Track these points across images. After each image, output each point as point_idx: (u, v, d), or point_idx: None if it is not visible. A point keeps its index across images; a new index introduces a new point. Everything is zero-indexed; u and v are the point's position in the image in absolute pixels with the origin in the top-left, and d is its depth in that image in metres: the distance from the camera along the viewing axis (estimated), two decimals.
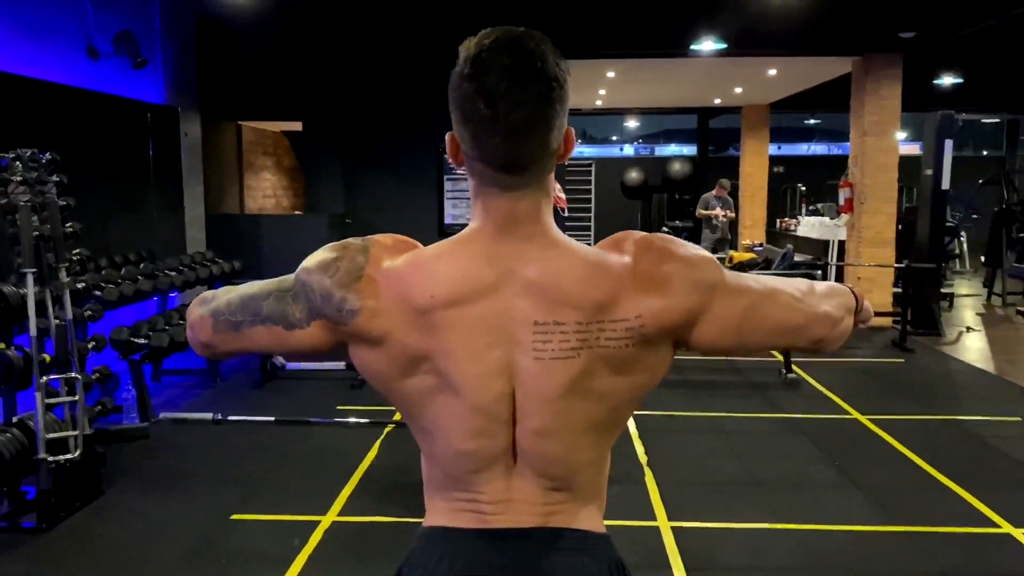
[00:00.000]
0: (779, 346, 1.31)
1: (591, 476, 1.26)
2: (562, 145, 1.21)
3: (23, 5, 5.98)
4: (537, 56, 1.12)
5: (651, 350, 1.19)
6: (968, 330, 9.31)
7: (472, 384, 1.17)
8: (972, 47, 10.13)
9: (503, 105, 1.10)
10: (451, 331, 1.16)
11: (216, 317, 1.30)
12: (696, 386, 6.84)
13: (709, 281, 1.20)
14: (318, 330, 1.23)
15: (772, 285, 1.28)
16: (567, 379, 1.16)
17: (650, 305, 1.16)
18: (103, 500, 4.33)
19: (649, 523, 4.09)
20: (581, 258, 1.18)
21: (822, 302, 1.32)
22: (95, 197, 6.45)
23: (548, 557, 1.21)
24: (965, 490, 4.52)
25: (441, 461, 1.25)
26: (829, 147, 25.28)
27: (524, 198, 1.19)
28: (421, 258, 1.20)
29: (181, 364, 6.94)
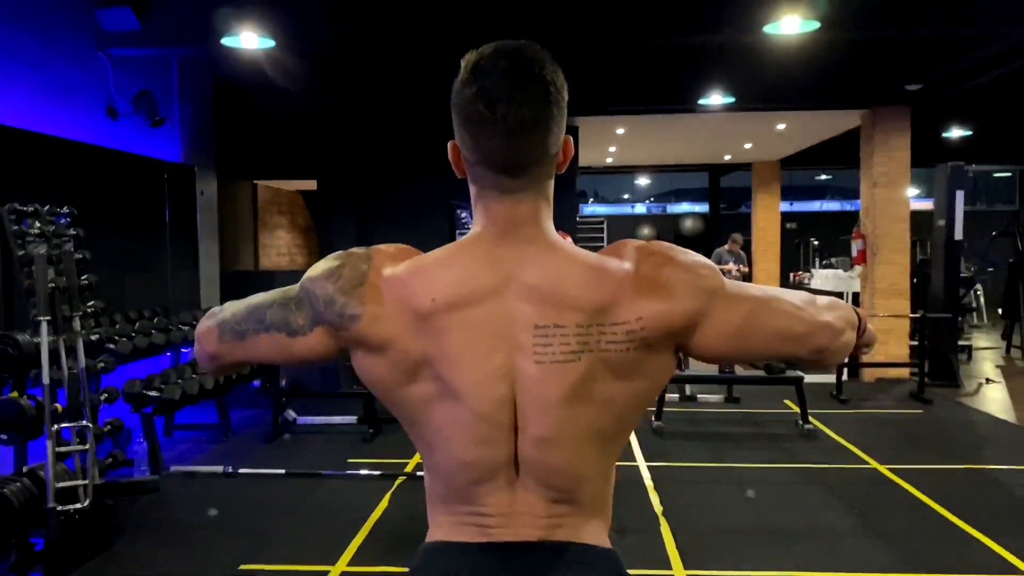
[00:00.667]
0: (780, 354, 1.30)
1: (596, 489, 1.24)
2: (560, 152, 1.23)
3: (46, 66, 6.14)
4: (535, 62, 1.16)
5: (652, 355, 1.18)
6: (987, 382, 9.18)
7: (474, 389, 1.16)
8: (981, 100, 10.20)
9: (502, 106, 1.13)
10: (452, 335, 1.16)
11: (222, 328, 1.32)
12: (712, 437, 6.75)
13: (710, 286, 1.20)
14: (320, 337, 1.24)
15: (773, 293, 1.28)
16: (568, 383, 1.15)
17: (651, 308, 1.16)
18: (112, 552, 4.28)
19: (665, 572, 4.00)
20: (581, 262, 1.19)
21: (824, 313, 1.31)
22: (111, 253, 6.52)
23: (553, 572, 1.19)
24: (989, 538, 4.41)
25: (443, 473, 1.23)
26: (842, 204, 25.30)
27: (524, 201, 1.20)
28: (423, 263, 1.21)
29: (193, 419, 6.93)
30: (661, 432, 6.70)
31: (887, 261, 9.18)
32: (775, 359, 1.26)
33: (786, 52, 7.34)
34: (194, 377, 6.07)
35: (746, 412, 7.57)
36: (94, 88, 6.66)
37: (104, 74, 6.71)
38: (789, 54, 7.41)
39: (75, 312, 4.46)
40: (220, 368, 1.38)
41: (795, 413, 7.02)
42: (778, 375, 6.94)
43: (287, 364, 1.34)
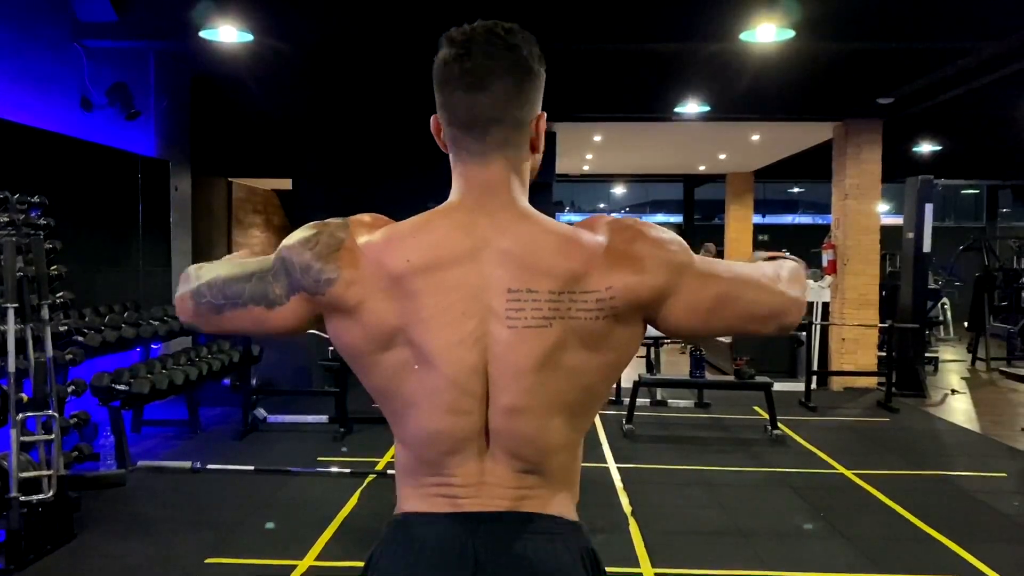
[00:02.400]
0: (746, 331, 1.31)
1: (564, 462, 1.26)
2: (534, 125, 1.26)
3: (19, 53, 6.08)
4: (508, 30, 1.22)
5: (620, 325, 1.20)
6: (953, 392, 9.32)
7: (446, 355, 1.17)
8: (950, 115, 10.38)
9: (467, 60, 1.20)
10: (426, 297, 1.17)
11: (197, 300, 1.32)
12: (682, 441, 6.80)
13: (679, 261, 1.21)
14: (297, 305, 1.24)
15: (743, 272, 1.29)
16: (539, 350, 1.16)
17: (620, 279, 1.18)
18: (75, 543, 4.23)
19: (633, 569, 4.02)
20: (555, 231, 1.21)
21: (789, 287, 1.33)
22: (83, 246, 6.46)
23: (520, 541, 1.20)
24: (952, 541, 4.47)
25: (414, 444, 1.24)
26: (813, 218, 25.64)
27: (493, 164, 1.24)
28: (398, 229, 1.23)
29: (162, 415, 6.86)
30: (632, 435, 6.73)
31: (857, 272, 9.30)
32: (741, 335, 1.29)
33: (761, 63, 7.44)
34: (163, 372, 6.01)
35: (716, 417, 7.62)
36: (69, 79, 6.60)
37: (79, 65, 6.65)
38: (764, 65, 7.51)
39: (43, 301, 4.41)
40: (200, 332, 1.42)
41: (764, 419, 7.08)
42: (748, 381, 7.00)
43: (265, 336, 1.35)
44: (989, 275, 11.69)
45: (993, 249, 12.31)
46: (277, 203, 12.00)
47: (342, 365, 6.90)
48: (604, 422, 7.23)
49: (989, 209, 17.52)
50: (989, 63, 7.10)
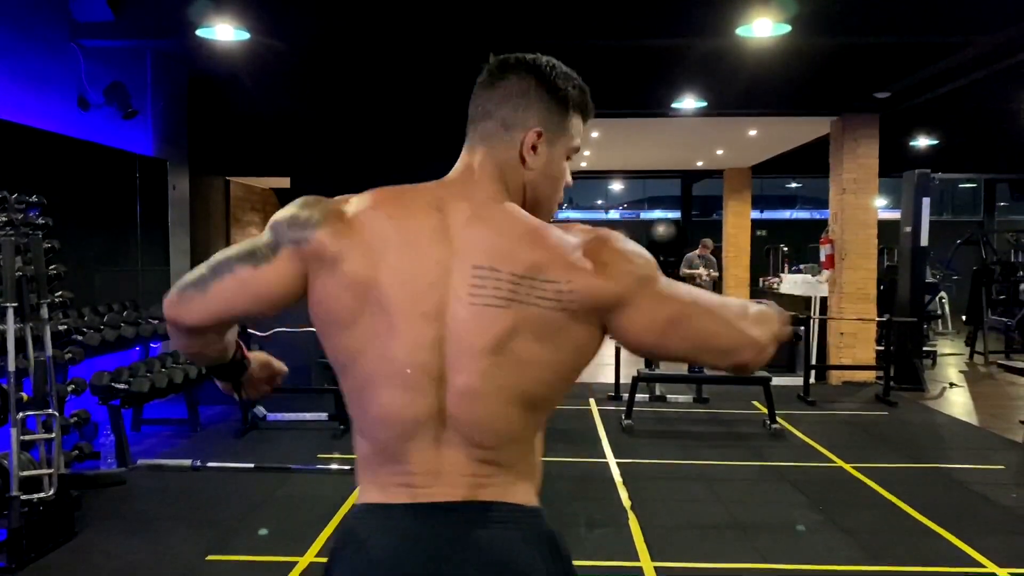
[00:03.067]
0: (701, 361, 1.34)
1: (521, 453, 1.28)
2: (521, 137, 1.31)
3: (16, 53, 6.07)
4: (547, 63, 1.33)
5: (576, 323, 1.22)
6: (951, 386, 9.34)
7: (408, 326, 1.21)
8: (947, 109, 10.40)
9: (496, 69, 1.33)
10: (399, 262, 1.22)
11: (183, 289, 1.32)
12: (681, 436, 6.81)
13: (642, 275, 1.24)
14: (285, 262, 1.27)
15: (708, 302, 1.29)
16: (495, 330, 1.19)
17: (582, 278, 1.21)
18: (76, 542, 4.23)
19: (632, 563, 4.03)
20: (527, 220, 1.27)
21: (753, 327, 1.30)
22: (81, 246, 6.46)
23: (478, 531, 1.22)
24: (951, 533, 4.49)
25: (371, 428, 1.26)
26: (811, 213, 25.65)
27: (477, 153, 1.32)
28: (385, 192, 1.30)
29: (162, 414, 6.87)
30: (631, 431, 6.75)
31: (855, 266, 9.31)
32: (694, 363, 1.31)
33: (758, 58, 7.44)
34: (163, 371, 6.02)
35: (715, 412, 7.64)
36: (66, 78, 6.60)
37: (76, 64, 6.65)
38: (761, 60, 7.52)
39: (43, 300, 4.41)
40: (186, 333, 1.35)
41: (763, 414, 7.09)
42: (746, 376, 7.01)
43: (252, 310, 1.31)
44: (987, 269, 11.71)
45: (991, 243, 12.34)
46: (275, 202, 12.00)
47: None
48: (603, 417, 7.25)
49: (986, 203, 17.55)
50: (985, 57, 7.11)
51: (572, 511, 4.78)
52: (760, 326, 1.32)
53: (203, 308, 1.30)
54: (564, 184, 1.39)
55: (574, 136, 1.36)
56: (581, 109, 1.36)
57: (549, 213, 1.37)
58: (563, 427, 6.88)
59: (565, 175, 1.38)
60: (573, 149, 1.38)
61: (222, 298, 1.29)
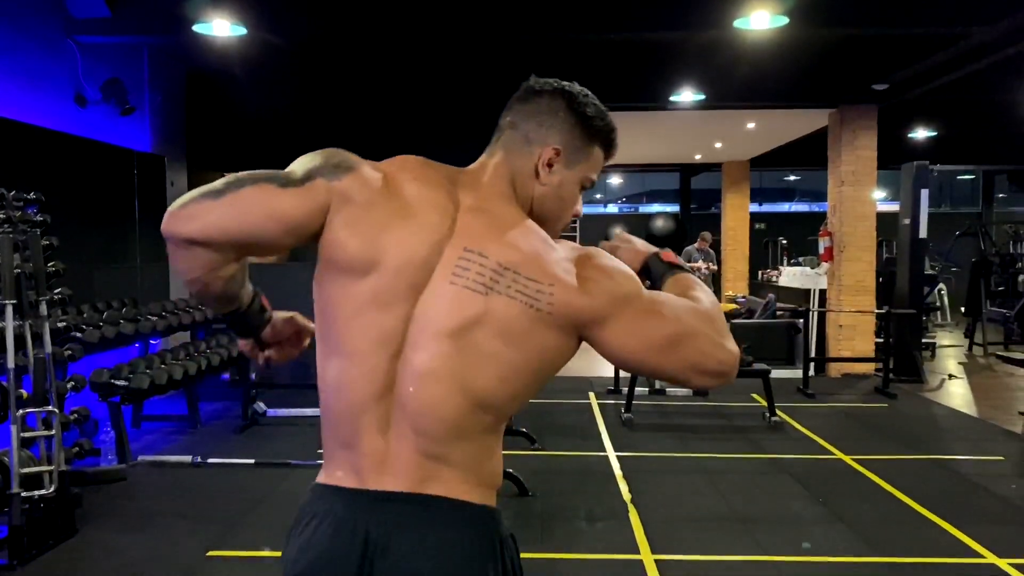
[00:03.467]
0: (687, 381, 1.30)
1: (470, 453, 1.26)
2: (538, 152, 1.34)
3: (13, 50, 6.06)
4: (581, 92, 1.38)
5: (548, 329, 1.23)
6: (950, 377, 9.35)
7: (390, 294, 1.23)
8: (946, 101, 10.39)
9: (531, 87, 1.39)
10: (406, 230, 1.24)
11: (190, 200, 1.22)
12: (680, 429, 6.82)
13: (622, 293, 1.25)
14: (311, 190, 1.25)
15: (687, 318, 1.26)
16: (465, 314, 1.21)
17: (563, 289, 1.23)
18: (78, 539, 4.24)
19: (633, 556, 4.04)
20: (527, 222, 1.31)
21: (733, 341, 1.29)
22: (80, 243, 6.44)
23: (416, 523, 1.23)
24: (951, 524, 4.50)
25: (327, 395, 1.30)
26: (810, 205, 25.64)
27: (496, 155, 1.37)
28: (413, 159, 1.35)
29: (162, 411, 6.87)
30: (630, 424, 6.75)
31: (853, 258, 9.32)
32: (680, 384, 1.31)
33: (756, 50, 7.43)
34: (163, 367, 6.01)
35: (714, 405, 7.65)
36: (63, 75, 6.59)
37: (73, 61, 6.64)
38: (759, 52, 7.51)
39: (41, 297, 4.41)
40: (189, 260, 1.24)
41: (762, 406, 7.10)
42: (746, 368, 7.01)
43: (265, 231, 1.22)
44: (985, 260, 11.72)
45: (989, 234, 12.35)
46: None
47: None
48: (603, 411, 7.26)
49: (985, 194, 17.55)
50: (984, 48, 7.10)
51: (572, 504, 4.79)
52: (727, 332, 1.29)
53: (212, 217, 1.20)
54: (573, 211, 1.40)
55: (592, 167, 1.39)
56: (605, 144, 1.39)
57: (554, 233, 1.37)
58: (563, 421, 6.89)
59: (576, 201, 1.40)
60: (589, 179, 1.40)
61: (237, 208, 1.21)
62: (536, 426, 6.29)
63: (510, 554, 1.29)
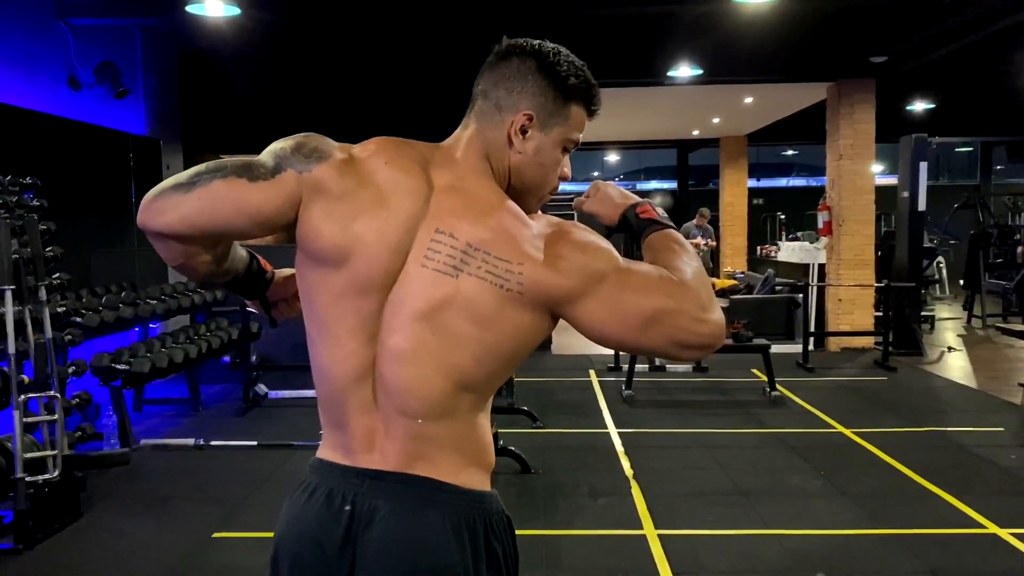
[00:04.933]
0: (670, 354, 1.24)
1: (456, 431, 1.26)
2: (510, 119, 1.29)
3: (4, 34, 6.01)
4: (549, 47, 1.31)
5: (519, 308, 1.21)
6: (950, 349, 9.37)
7: (366, 279, 1.22)
8: (943, 73, 10.33)
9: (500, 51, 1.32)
10: (378, 216, 1.22)
11: (160, 193, 1.22)
12: (681, 405, 6.84)
13: (596, 269, 1.20)
14: (282, 184, 1.23)
15: (669, 301, 1.20)
16: (435, 296, 1.20)
17: (532, 267, 1.20)
18: (82, 522, 4.25)
19: (635, 531, 4.06)
20: (499, 198, 1.27)
21: (716, 310, 1.23)
22: (77, 228, 6.42)
23: (394, 503, 1.24)
24: (951, 495, 4.52)
25: (316, 379, 1.31)
26: (808, 180, 25.57)
27: (469, 128, 1.32)
28: (387, 141, 1.30)
29: (163, 394, 6.88)
30: (631, 400, 6.77)
31: (852, 232, 9.31)
32: (663, 358, 1.27)
33: (753, 24, 7.38)
34: (163, 351, 6.01)
35: (714, 381, 7.67)
36: (55, 58, 6.54)
37: (65, 44, 6.58)
38: (756, 26, 7.46)
39: (40, 282, 4.40)
40: (169, 251, 1.25)
41: (762, 381, 7.12)
42: (745, 343, 7.02)
43: (234, 224, 1.23)
44: (984, 232, 11.70)
45: (988, 206, 12.32)
46: None
47: None
48: (603, 388, 7.28)
49: (983, 166, 17.51)
50: (982, 18, 7.05)
51: (575, 481, 4.81)
52: (712, 298, 1.24)
53: (181, 212, 1.20)
54: (558, 174, 1.35)
55: (572, 127, 1.32)
56: (585, 101, 1.33)
57: (538, 200, 1.34)
58: (564, 398, 6.90)
59: (558, 165, 1.34)
60: (571, 140, 1.34)
61: (205, 203, 1.20)
62: (537, 404, 6.30)
63: (499, 537, 1.28)
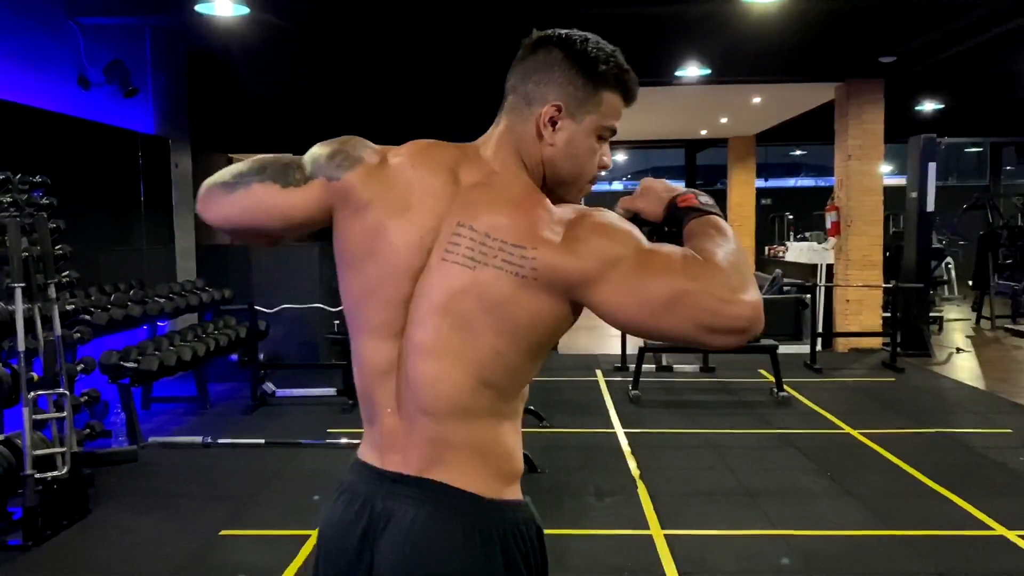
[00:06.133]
0: (697, 341, 1.17)
1: (477, 434, 1.24)
2: (539, 112, 1.28)
3: (15, 33, 6.04)
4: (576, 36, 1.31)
5: (538, 296, 1.18)
6: (958, 351, 9.34)
7: (391, 283, 1.25)
8: (952, 74, 10.30)
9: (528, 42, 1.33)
10: (406, 217, 1.25)
11: (211, 187, 1.34)
12: (688, 405, 6.83)
13: (615, 252, 1.16)
14: (313, 190, 1.30)
15: (691, 281, 1.15)
16: (454, 287, 1.20)
17: (547, 250, 1.17)
18: (90, 518, 4.28)
19: (642, 531, 4.06)
20: (522, 188, 1.25)
21: (750, 291, 1.16)
22: (86, 226, 6.44)
23: (409, 509, 1.23)
24: (959, 496, 4.51)
25: (356, 376, 1.32)
26: (816, 180, 25.50)
27: (501, 124, 1.32)
28: (419, 145, 1.33)
29: (171, 392, 6.91)
30: (638, 401, 6.77)
31: (861, 233, 9.29)
32: (691, 344, 1.18)
33: (762, 23, 7.36)
34: (172, 349, 6.04)
35: (721, 381, 7.66)
36: (65, 57, 6.57)
37: (75, 43, 6.61)
38: (765, 25, 7.44)
39: (50, 280, 4.42)
40: (212, 224, 1.36)
41: (770, 382, 7.10)
42: (753, 344, 7.00)
43: (271, 226, 1.32)
44: (993, 233, 11.66)
45: (997, 207, 12.28)
46: None
47: (348, 338, 6.92)
48: (610, 388, 7.27)
49: (992, 167, 17.41)
50: (992, 18, 7.02)
51: (581, 480, 4.81)
52: (746, 279, 1.18)
53: (224, 210, 1.32)
54: (596, 163, 1.32)
55: (606, 115, 1.29)
56: (619, 87, 1.30)
57: (578, 191, 1.32)
58: (570, 398, 6.90)
59: (594, 154, 1.31)
60: (606, 128, 1.30)
61: (243, 205, 1.31)
62: (544, 403, 6.31)
63: (521, 548, 1.26)
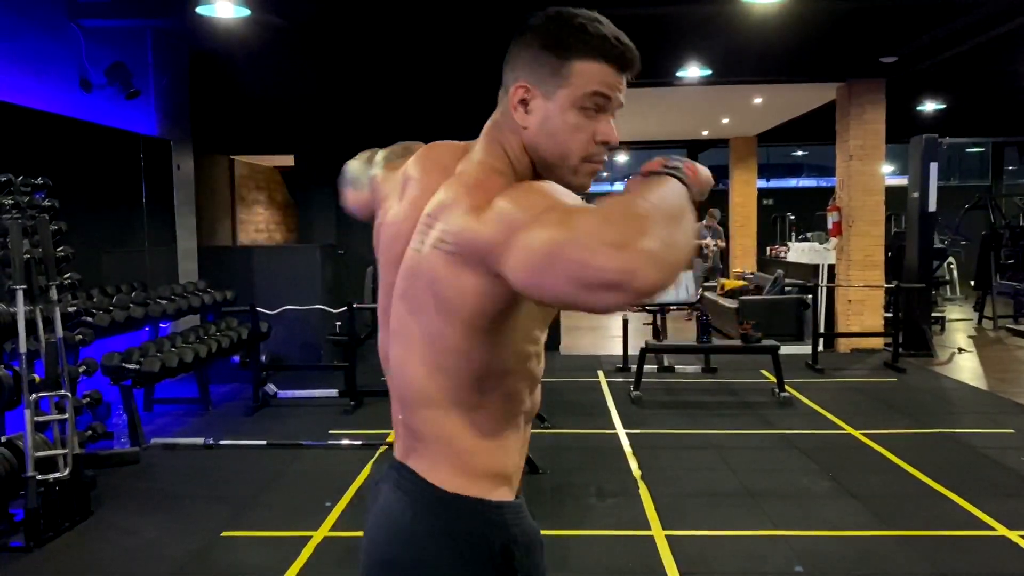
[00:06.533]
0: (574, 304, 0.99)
1: (443, 428, 1.23)
2: (511, 94, 1.23)
3: (17, 36, 6.05)
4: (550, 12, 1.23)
5: (462, 271, 1.12)
6: (960, 351, 9.33)
7: (384, 270, 1.34)
8: (954, 74, 10.30)
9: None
10: (397, 211, 1.33)
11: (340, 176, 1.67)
12: (689, 406, 6.83)
13: (518, 216, 1.05)
14: (367, 191, 1.53)
15: (571, 231, 0.98)
16: (404, 272, 1.25)
17: (465, 223, 1.11)
18: (92, 520, 4.28)
19: (643, 532, 4.06)
20: (484, 170, 1.21)
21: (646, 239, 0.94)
22: (88, 228, 6.45)
23: (385, 494, 1.30)
24: (961, 497, 4.50)
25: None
26: (817, 181, 25.50)
27: (491, 119, 1.30)
28: (429, 147, 1.40)
29: (173, 393, 6.91)
30: (639, 401, 6.76)
31: (862, 233, 9.28)
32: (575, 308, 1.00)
33: (763, 24, 7.36)
34: (173, 350, 6.04)
35: (723, 382, 7.65)
36: (67, 59, 6.57)
37: (77, 45, 6.62)
38: (766, 26, 7.44)
39: (51, 282, 4.43)
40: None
41: (771, 382, 7.10)
42: (754, 345, 7.01)
43: (363, 216, 1.56)
44: (995, 233, 11.64)
45: (999, 207, 12.26)
46: (280, 180, 11.97)
47: (350, 339, 6.94)
48: (612, 389, 7.27)
49: (994, 167, 17.40)
50: (992, 19, 7.02)
51: (583, 481, 4.81)
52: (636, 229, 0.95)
53: (348, 205, 1.64)
54: (584, 139, 1.19)
55: (582, 84, 1.16)
56: (596, 54, 1.16)
57: (572, 173, 1.20)
58: (572, 399, 6.90)
59: (577, 131, 1.18)
60: (588, 98, 1.17)
61: (347, 199, 1.63)
62: (546, 404, 6.26)
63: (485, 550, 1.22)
